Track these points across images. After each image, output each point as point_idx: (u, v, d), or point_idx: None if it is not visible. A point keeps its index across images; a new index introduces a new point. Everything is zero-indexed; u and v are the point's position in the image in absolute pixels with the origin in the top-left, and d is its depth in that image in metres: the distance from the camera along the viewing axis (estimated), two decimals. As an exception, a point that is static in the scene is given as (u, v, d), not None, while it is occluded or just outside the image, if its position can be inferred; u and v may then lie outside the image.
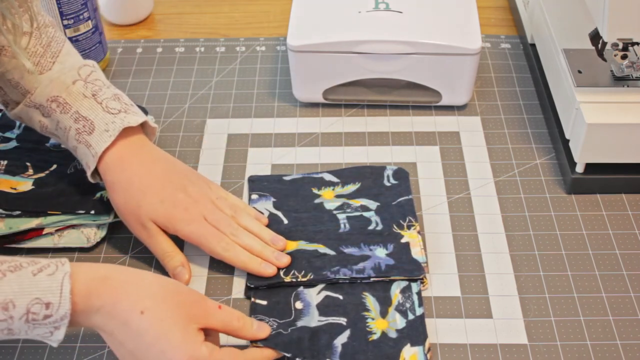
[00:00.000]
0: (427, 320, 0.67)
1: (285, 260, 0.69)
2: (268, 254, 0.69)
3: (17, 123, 0.81)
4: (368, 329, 0.64)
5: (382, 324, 0.65)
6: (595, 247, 0.73)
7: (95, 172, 0.70)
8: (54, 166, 0.76)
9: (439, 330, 0.66)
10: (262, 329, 0.63)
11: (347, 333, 0.64)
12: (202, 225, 0.68)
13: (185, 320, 0.57)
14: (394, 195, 0.76)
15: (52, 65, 0.71)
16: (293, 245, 0.71)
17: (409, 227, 0.72)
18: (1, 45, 0.69)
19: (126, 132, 0.70)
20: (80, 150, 0.70)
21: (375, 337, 0.64)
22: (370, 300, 0.67)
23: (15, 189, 0.73)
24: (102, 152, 0.68)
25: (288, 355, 0.62)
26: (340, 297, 0.67)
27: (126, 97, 0.72)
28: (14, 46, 0.64)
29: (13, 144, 0.79)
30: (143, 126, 0.73)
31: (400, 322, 0.65)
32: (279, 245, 0.70)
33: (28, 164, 0.76)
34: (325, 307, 0.66)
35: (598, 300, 0.68)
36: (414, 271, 0.68)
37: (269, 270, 0.68)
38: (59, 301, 0.53)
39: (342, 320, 0.65)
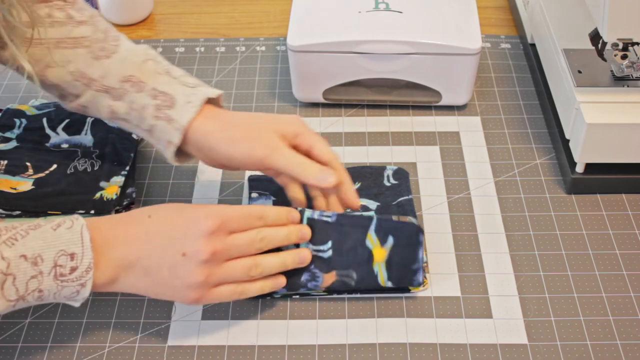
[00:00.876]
0: (427, 321, 0.67)
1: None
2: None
3: (17, 123, 0.81)
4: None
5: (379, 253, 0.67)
6: (595, 247, 0.73)
7: (177, 150, 0.69)
8: (54, 166, 0.76)
9: (439, 330, 0.66)
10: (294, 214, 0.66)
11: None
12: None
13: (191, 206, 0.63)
14: (394, 195, 0.76)
15: (116, 49, 0.69)
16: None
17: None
18: (59, 38, 0.67)
19: (204, 107, 0.68)
20: (160, 128, 0.67)
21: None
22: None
23: (15, 189, 0.73)
24: (187, 125, 0.66)
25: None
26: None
27: (194, 78, 0.71)
28: (15, 50, 0.63)
29: (13, 143, 0.79)
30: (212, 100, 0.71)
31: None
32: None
33: (28, 163, 0.76)
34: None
35: (598, 300, 0.68)
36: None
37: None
38: (82, 251, 0.56)
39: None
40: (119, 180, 0.75)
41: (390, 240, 0.67)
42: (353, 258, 0.67)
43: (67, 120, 0.81)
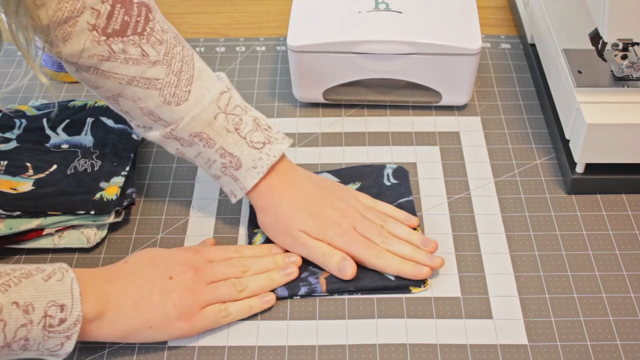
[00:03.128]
0: (427, 321, 0.67)
1: (438, 261, 0.69)
2: (421, 257, 0.69)
3: (17, 123, 0.81)
4: None
5: None
6: (595, 247, 0.73)
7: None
8: (54, 166, 0.76)
9: (439, 330, 0.66)
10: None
11: None
12: (353, 237, 0.69)
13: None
14: (394, 195, 0.76)
15: (187, 95, 0.68)
16: None
17: (409, 228, 0.73)
18: (132, 76, 0.67)
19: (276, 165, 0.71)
20: (226, 180, 0.72)
21: None
22: None
23: (15, 189, 0.73)
24: (251, 188, 0.70)
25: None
26: None
27: (264, 120, 0.72)
28: (30, 62, 0.63)
29: (13, 144, 0.79)
30: None
31: None
32: (430, 247, 0.70)
33: (28, 164, 0.76)
34: None
35: (598, 300, 0.68)
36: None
37: (423, 272, 0.68)
38: (71, 303, 0.57)
39: None
40: (119, 180, 0.75)
41: None
42: None
43: (67, 121, 0.81)
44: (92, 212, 0.72)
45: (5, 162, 0.76)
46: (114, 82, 0.67)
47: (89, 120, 0.81)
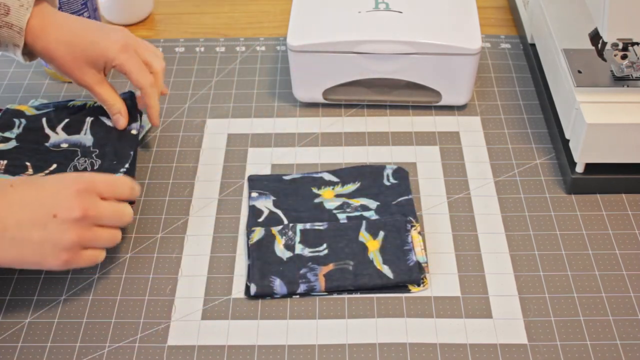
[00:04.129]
0: (427, 321, 0.67)
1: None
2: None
3: (17, 123, 0.81)
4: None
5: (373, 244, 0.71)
6: (595, 247, 0.73)
7: (25, 51, 0.76)
8: (54, 166, 0.76)
9: (439, 330, 0.66)
10: (134, 186, 0.68)
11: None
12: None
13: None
14: (394, 194, 0.76)
15: None
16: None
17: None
18: None
19: (38, 7, 0.74)
20: (4, 35, 0.73)
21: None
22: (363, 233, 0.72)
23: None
24: (25, 25, 0.73)
25: None
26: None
27: None
28: None
29: (13, 143, 0.79)
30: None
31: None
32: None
33: (28, 163, 0.76)
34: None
35: (598, 300, 0.68)
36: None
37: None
38: None
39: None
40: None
41: (381, 234, 0.71)
42: (349, 251, 0.71)
43: (66, 120, 0.81)
44: None
45: (5, 162, 0.76)
46: None
47: (89, 119, 0.81)
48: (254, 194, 0.77)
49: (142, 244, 0.74)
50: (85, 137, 0.79)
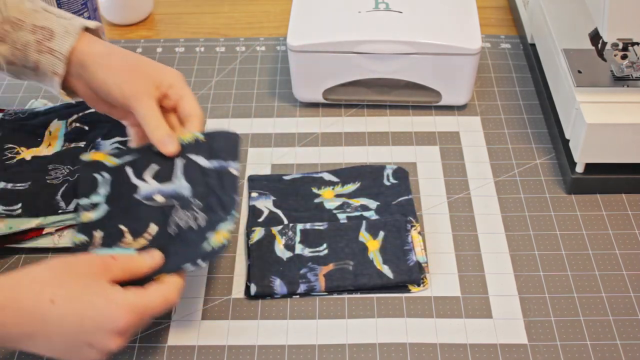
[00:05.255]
0: (427, 320, 0.67)
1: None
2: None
3: (100, 179, 0.69)
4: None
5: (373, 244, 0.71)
6: (595, 247, 0.73)
7: (64, 85, 0.71)
8: (153, 227, 0.66)
9: (439, 330, 0.66)
10: (154, 256, 0.62)
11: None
12: None
13: (95, 282, 0.57)
14: (394, 194, 0.76)
15: None
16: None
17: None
18: None
19: (84, 35, 0.71)
20: (44, 62, 0.70)
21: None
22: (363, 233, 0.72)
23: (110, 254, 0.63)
24: (68, 54, 0.69)
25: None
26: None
27: None
28: None
29: (103, 208, 0.68)
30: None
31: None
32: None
33: (123, 228, 0.66)
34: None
35: (598, 300, 0.68)
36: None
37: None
38: None
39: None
40: (226, 226, 0.64)
41: (381, 234, 0.71)
42: (349, 251, 0.70)
43: (154, 166, 0.69)
44: (200, 262, 0.62)
45: (102, 233, 0.66)
46: None
47: (179, 162, 0.69)
48: (254, 194, 0.77)
49: (142, 244, 0.74)
50: (181, 185, 0.68)
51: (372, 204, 0.75)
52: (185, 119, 0.71)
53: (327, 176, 0.79)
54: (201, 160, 0.68)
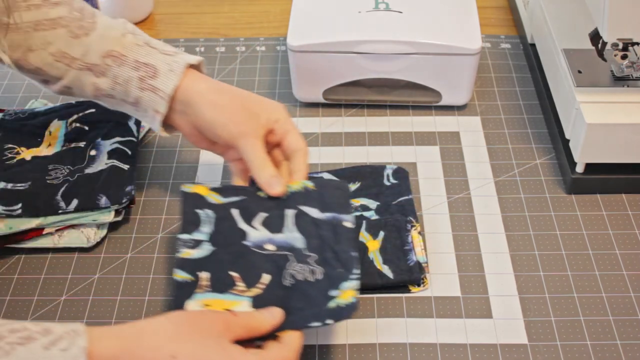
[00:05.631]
0: (427, 320, 0.67)
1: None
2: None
3: (203, 216, 0.66)
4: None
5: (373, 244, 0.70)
6: (595, 247, 0.73)
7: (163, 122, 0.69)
8: (267, 277, 0.63)
9: (439, 330, 0.66)
10: (275, 314, 0.59)
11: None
12: None
13: (217, 342, 0.54)
14: (394, 194, 0.76)
15: (94, 26, 0.69)
16: None
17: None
18: (37, 20, 0.67)
19: (188, 72, 0.69)
20: (145, 99, 0.68)
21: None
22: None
23: (230, 310, 0.61)
24: (172, 93, 0.67)
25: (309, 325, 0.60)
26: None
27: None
28: None
29: (207, 247, 0.64)
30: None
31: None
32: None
33: (233, 273, 0.63)
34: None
35: (598, 300, 0.68)
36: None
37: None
38: None
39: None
40: (352, 284, 0.61)
41: (381, 234, 0.71)
42: None
43: (263, 214, 0.67)
44: (329, 321, 0.60)
45: (208, 274, 0.63)
46: (20, 33, 0.67)
47: (290, 212, 0.67)
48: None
49: (142, 244, 0.74)
50: (293, 236, 0.65)
51: (372, 204, 0.75)
52: (290, 153, 0.69)
53: (327, 176, 0.79)
54: (313, 212, 0.66)
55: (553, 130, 0.83)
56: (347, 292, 0.60)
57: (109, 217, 0.73)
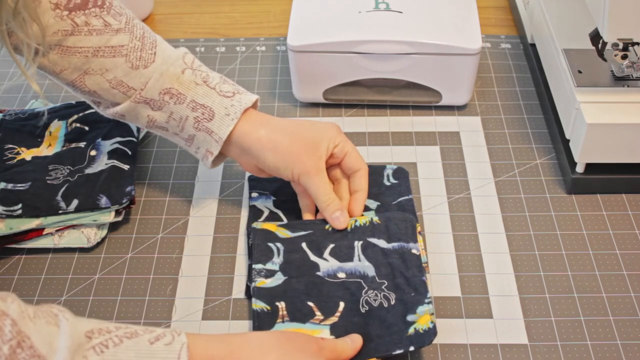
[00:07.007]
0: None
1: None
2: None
3: (274, 249, 0.69)
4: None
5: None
6: (595, 247, 0.73)
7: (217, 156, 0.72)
8: (341, 305, 0.65)
9: (439, 330, 0.66)
10: (355, 340, 0.62)
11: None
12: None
13: (312, 359, 0.57)
14: (394, 194, 0.76)
15: (154, 57, 0.69)
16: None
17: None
18: (97, 47, 0.68)
19: (244, 116, 0.70)
20: (200, 138, 0.70)
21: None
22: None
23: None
24: (226, 137, 0.69)
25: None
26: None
27: (229, 79, 0.73)
28: (31, 62, 0.63)
29: (280, 277, 0.67)
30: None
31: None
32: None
33: (311, 304, 0.65)
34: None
35: (598, 300, 0.68)
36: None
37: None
38: None
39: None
40: (427, 308, 0.63)
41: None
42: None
43: (331, 246, 0.70)
44: (412, 348, 0.62)
45: (284, 304, 0.65)
46: (79, 57, 0.67)
47: (357, 243, 0.69)
48: (254, 194, 0.77)
49: (142, 244, 0.74)
50: (363, 265, 0.68)
51: (372, 204, 0.75)
52: (350, 173, 0.73)
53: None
54: (380, 242, 0.69)
55: (553, 130, 0.83)
56: (424, 317, 0.63)
57: (109, 217, 0.73)
